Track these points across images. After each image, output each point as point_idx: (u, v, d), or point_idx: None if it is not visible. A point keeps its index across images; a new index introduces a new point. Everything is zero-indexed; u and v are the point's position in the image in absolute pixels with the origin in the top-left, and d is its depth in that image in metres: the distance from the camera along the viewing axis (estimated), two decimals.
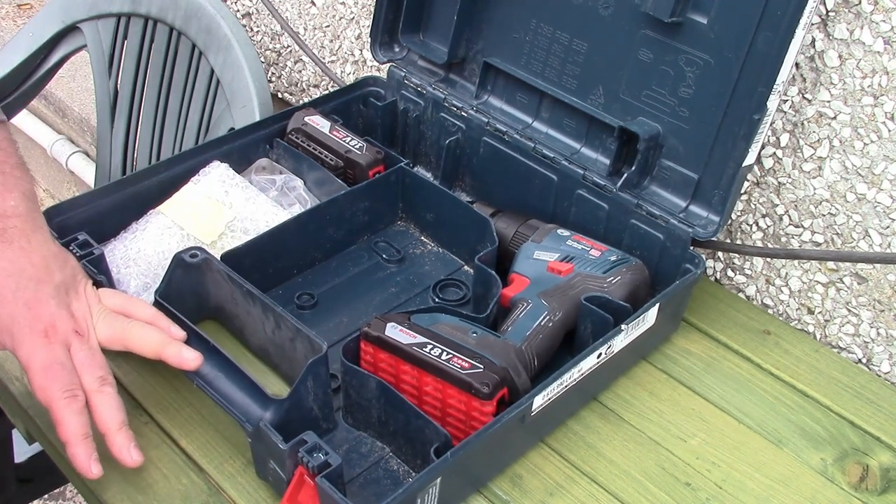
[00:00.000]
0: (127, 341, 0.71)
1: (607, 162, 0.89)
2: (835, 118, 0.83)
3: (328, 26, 1.32)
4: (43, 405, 0.66)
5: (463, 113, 0.98)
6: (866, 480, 0.75)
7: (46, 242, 0.71)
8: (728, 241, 0.95)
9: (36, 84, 1.41)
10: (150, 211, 0.89)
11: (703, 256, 0.85)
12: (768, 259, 0.92)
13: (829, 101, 0.83)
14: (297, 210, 0.92)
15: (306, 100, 1.22)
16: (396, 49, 1.02)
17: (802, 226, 0.89)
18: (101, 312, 0.72)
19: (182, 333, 0.72)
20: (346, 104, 1.03)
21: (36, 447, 0.86)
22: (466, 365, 0.70)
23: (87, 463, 0.65)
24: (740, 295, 0.96)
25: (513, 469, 0.74)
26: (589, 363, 0.74)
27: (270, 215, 0.90)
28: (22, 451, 1.26)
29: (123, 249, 0.86)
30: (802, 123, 0.85)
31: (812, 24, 0.80)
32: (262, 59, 1.46)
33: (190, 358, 0.70)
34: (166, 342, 0.71)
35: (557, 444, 0.76)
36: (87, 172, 1.92)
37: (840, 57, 0.80)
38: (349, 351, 0.74)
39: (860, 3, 0.77)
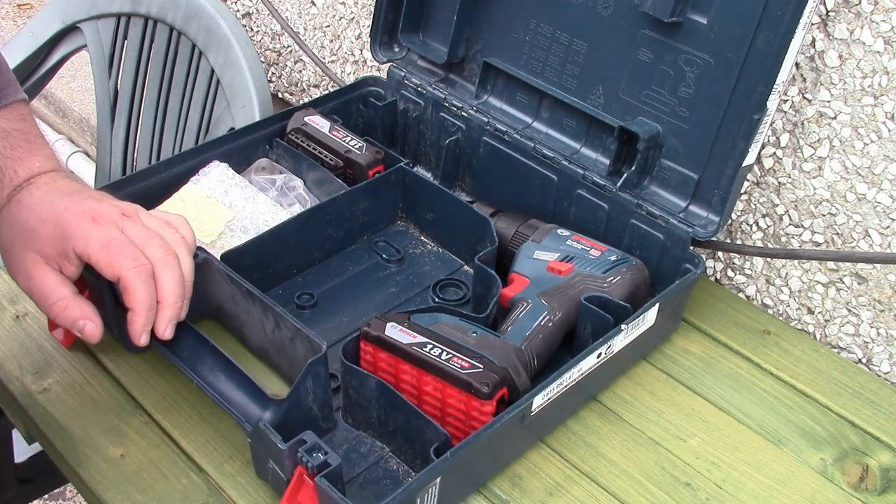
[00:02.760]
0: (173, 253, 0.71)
1: (607, 162, 0.89)
2: (835, 118, 0.83)
3: (328, 26, 1.32)
4: (111, 279, 0.68)
5: (463, 113, 0.98)
6: (866, 480, 0.75)
7: (74, 182, 0.74)
8: (728, 241, 0.95)
9: (36, 84, 1.41)
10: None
11: (703, 256, 0.85)
12: (768, 259, 0.92)
13: (829, 101, 0.83)
14: (296, 210, 0.92)
15: (306, 100, 1.22)
16: (396, 49, 1.02)
17: (802, 226, 0.89)
18: (149, 214, 0.73)
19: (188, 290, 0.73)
20: (346, 104, 1.03)
21: (36, 447, 0.86)
22: (466, 365, 0.70)
23: (141, 333, 0.68)
24: (740, 295, 0.96)
25: (512, 469, 0.74)
26: (589, 363, 0.74)
27: (270, 215, 0.90)
28: (22, 451, 1.26)
29: None
30: (802, 123, 0.85)
31: (812, 24, 0.80)
32: (262, 59, 1.46)
33: (165, 332, 0.70)
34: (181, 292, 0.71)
35: (557, 443, 0.76)
36: (87, 172, 1.92)
37: (840, 57, 0.80)
38: (349, 351, 0.74)
39: (860, 3, 0.78)
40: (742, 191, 0.89)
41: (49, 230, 0.68)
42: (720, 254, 0.97)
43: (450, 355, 0.71)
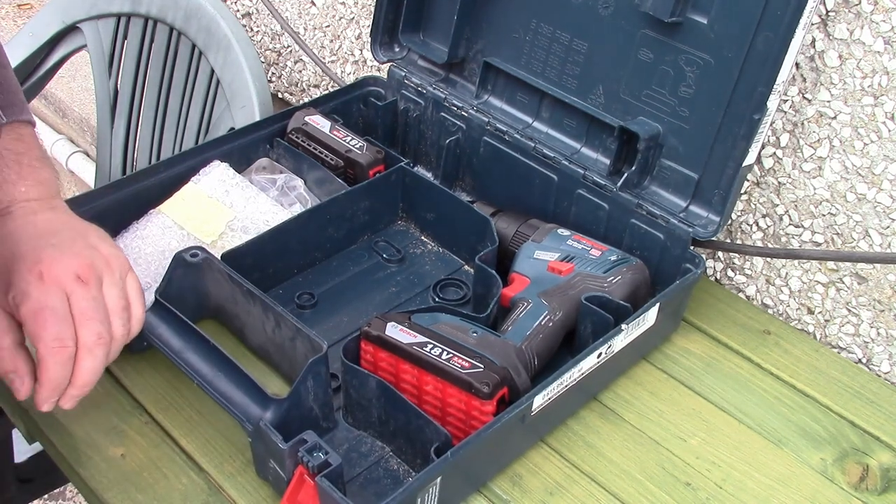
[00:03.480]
0: (113, 342, 0.67)
1: (607, 162, 0.89)
2: (835, 118, 0.83)
3: (328, 26, 1.32)
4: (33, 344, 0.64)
5: (463, 113, 0.98)
6: (866, 480, 0.75)
7: (57, 215, 0.71)
8: (728, 240, 0.95)
9: (36, 84, 1.41)
10: (151, 211, 0.89)
11: (703, 256, 0.85)
12: (768, 259, 0.92)
13: (829, 101, 0.83)
14: (297, 210, 0.92)
15: (306, 100, 1.22)
16: (396, 49, 1.02)
17: (802, 226, 0.89)
18: (115, 283, 0.68)
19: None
20: (347, 104, 1.03)
21: (36, 447, 0.86)
22: (467, 364, 0.70)
23: (42, 404, 0.65)
24: (740, 295, 0.96)
25: (513, 468, 0.74)
26: (589, 363, 0.74)
27: (270, 215, 0.90)
28: (22, 451, 1.26)
29: (124, 249, 0.85)
30: (802, 123, 0.85)
31: (812, 24, 0.80)
32: (262, 59, 1.46)
33: (65, 405, 0.67)
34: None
35: (557, 443, 0.76)
36: (87, 172, 1.92)
37: (840, 57, 0.80)
38: (349, 350, 0.74)
39: (860, 3, 0.78)
40: (742, 191, 0.89)
41: (2, 273, 0.66)
42: (720, 254, 0.97)
43: (450, 355, 0.71)
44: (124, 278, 0.69)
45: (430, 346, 0.72)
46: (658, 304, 0.78)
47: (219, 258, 0.80)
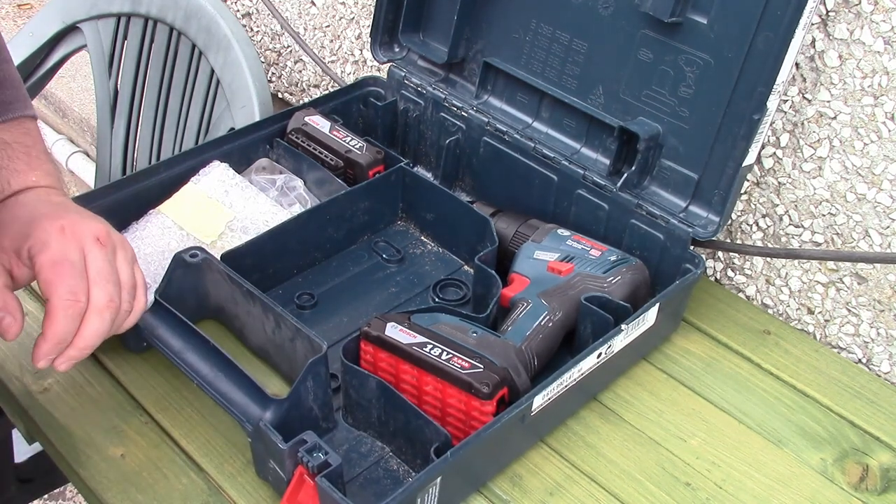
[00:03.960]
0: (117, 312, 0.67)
1: (607, 162, 0.89)
2: (835, 118, 0.83)
3: (328, 26, 1.32)
4: (43, 296, 0.64)
5: (463, 113, 0.98)
6: (866, 480, 0.75)
7: (66, 202, 0.72)
8: (728, 240, 0.95)
9: (36, 84, 1.41)
10: (150, 211, 0.89)
11: (703, 256, 0.85)
12: (768, 259, 0.92)
13: (829, 101, 0.83)
14: (297, 210, 0.92)
15: (306, 100, 1.22)
16: (396, 49, 1.02)
17: (802, 226, 0.89)
18: (127, 259, 0.68)
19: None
20: (346, 104, 1.03)
21: (36, 447, 0.86)
22: (466, 365, 0.70)
23: (41, 359, 0.64)
24: (740, 295, 0.96)
25: (513, 469, 0.74)
26: (589, 363, 0.74)
27: (270, 215, 0.90)
28: (22, 451, 1.26)
29: None
30: (802, 123, 0.85)
31: (812, 24, 0.80)
32: (262, 59, 1.46)
33: (61, 367, 0.66)
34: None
35: (557, 443, 0.76)
36: (87, 172, 1.92)
37: (840, 57, 0.80)
38: (349, 351, 0.74)
39: (860, 3, 0.78)
40: (742, 191, 0.89)
41: (17, 227, 0.66)
42: (720, 254, 0.97)
43: (450, 355, 0.71)
44: (134, 263, 0.70)
45: (429, 346, 0.72)
46: (658, 305, 0.78)
47: (218, 258, 0.80)
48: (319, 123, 0.97)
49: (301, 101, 1.33)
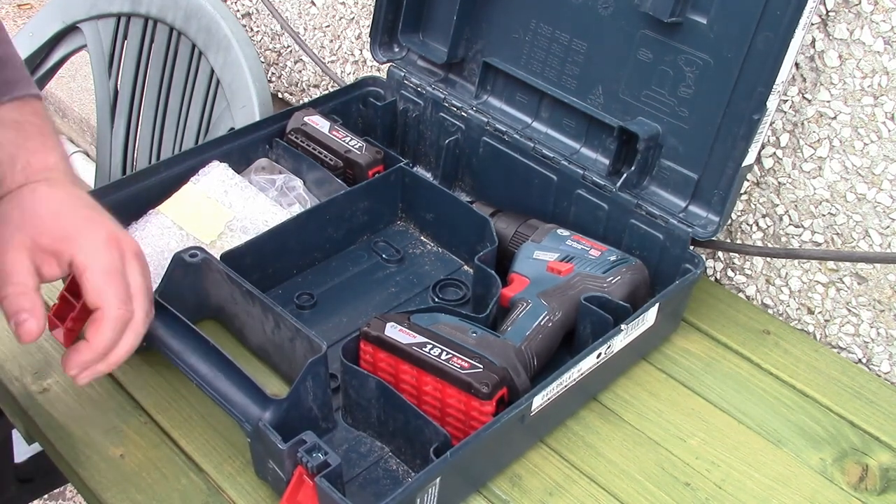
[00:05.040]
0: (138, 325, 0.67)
1: (607, 162, 0.89)
2: (835, 118, 0.83)
3: (328, 26, 1.32)
4: (90, 305, 0.64)
5: (462, 113, 0.98)
6: (866, 480, 0.75)
7: (88, 197, 0.71)
8: (728, 241, 0.95)
9: (36, 84, 1.41)
10: (150, 211, 0.89)
11: (703, 256, 0.85)
12: (768, 259, 0.92)
13: (829, 101, 0.83)
14: (296, 210, 0.92)
15: (306, 100, 1.22)
16: (396, 49, 1.02)
17: (802, 226, 0.89)
18: (149, 272, 0.69)
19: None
20: (346, 104, 1.03)
21: (36, 447, 0.86)
22: (466, 365, 0.70)
23: (77, 368, 0.65)
24: (740, 295, 0.96)
25: (512, 469, 0.74)
26: (588, 363, 0.74)
27: (270, 215, 0.90)
28: (22, 451, 1.26)
29: None
30: (802, 123, 0.85)
31: (812, 24, 0.80)
32: (262, 59, 1.46)
33: (83, 380, 0.66)
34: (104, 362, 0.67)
35: (557, 443, 0.76)
36: (87, 172, 1.92)
37: (840, 57, 0.80)
38: (349, 351, 0.74)
39: (860, 3, 0.77)
40: (742, 191, 0.89)
41: (56, 225, 0.65)
42: (720, 254, 0.97)
43: (449, 355, 0.71)
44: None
45: (429, 346, 0.71)
46: (657, 305, 0.78)
47: (218, 258, 0.79)
48: (319, 123, 0.97)
49: (301, 101, 1.33)
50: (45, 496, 1.66)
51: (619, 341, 0.76)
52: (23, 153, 0.68)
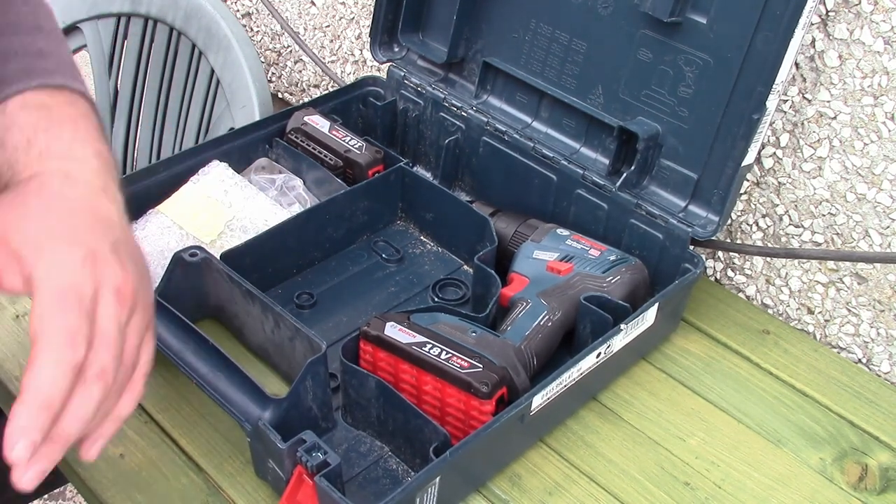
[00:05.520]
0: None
1: (606, 162, 0.89)
2: (835, 118, 0.83)
3: (328, 26, 1.32)
4: (30, 335, 0.49)
5: (462, 112, 0.98)
6: (865, 480, 0.75)
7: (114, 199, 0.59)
8: (728, 240, 0.95)
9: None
10: (150, 210, 0.89)
11: (703, 256, 0.85)
12: (768, 259, 0.92)
13: (829, 101, 0.83)
14: (296, 209, 0.92)
15: (306, 100, 1.22)
16: (396, 49, 1.02)
17: (802, 226, 0.89)
18: (139, 329, 0.54)
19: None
20: (346, 104, 1.03)
21: None
22: (466, 364, 0.70)
23: (16, 440, 0.47)
24: (740, 295, 0.96)
25: (512, 468, 0.74)
26: (588, 363, 0.74)
27: (270, 214, 0.90)
28: None
29: None
30: (802, 123, 0.85)
31: (812, 24, 0.80)
32: (262, 59, 1.46)
33: (85, 454, 0.53)
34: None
35: (556, 443, 0.76)
36: None
37: (840, 57, 0.80)
38: (348, 350, 0.74)
39: (860, 3, 0.77)
40: (742, 191, 0.89)
41: (35, 223, 0.52)
42: (720, 254, 0.97)
43: (449, 355, 0.71)
44: (146, 334, 0.57)
45: (429, 345, 0.71)
46: (657, 304, 0.78)
47: (218, 258, 0.80)
48: (319, 123, 0.97)
49: (301, 101, 1.33)
50: (46, 496, 1.66)
51: (619, 341, 0.76)
52: (43, 137, 0.57)
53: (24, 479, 0.47)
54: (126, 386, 0.53)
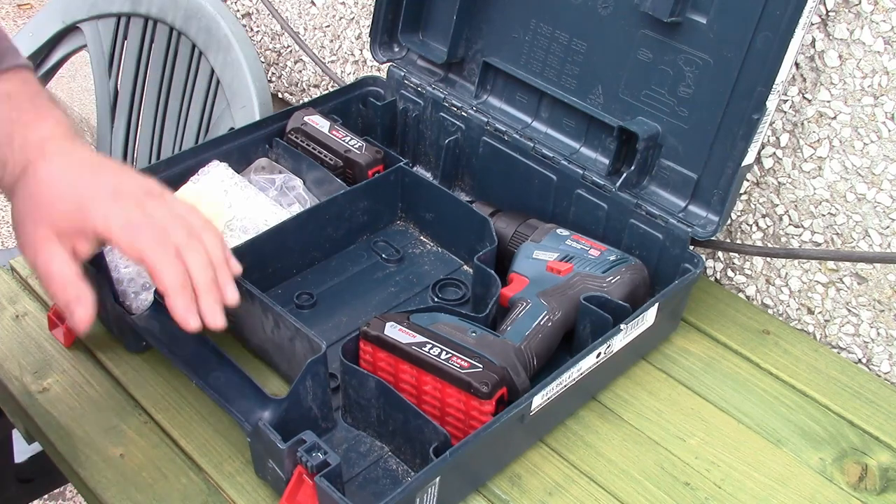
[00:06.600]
0: (200, 238, 0.67)
1: (606, 161, 0.89)
2: (835, 118, 0.83)
3: (328, 26, 1.32)
4: (134, 260, 0.64)
5: (462, 113, 0.98)
6: (865, 480, 0.75)
7: (92, 154, 0.70)
8: (728, 240, 0.95)
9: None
10: None
11: (703, 256, 0.85)
12: (768, 259, 0.92)
13: (829, 101, 0.83)
14: (296, 209, 0.92)
15: (306, 100, 1.22)
16: (396, 49, 1.02)
17: (802, 226, 0.89)
18: (174, 198, 0.69)
19: (238, 267, 0.70)
20: (346, 104, 1.03)
21: (36, 447, 0.86)
22: (466, 364, 0.70)
23: (186, 315, 0.64)
24: (740, 295, 0.96)
25: (512, 468, 0.74)
26: (588, 363, 0.74)
27: (270, 215, 0.90)
28: (22, 451, 1.26)
29: None
30: (802, 123, 0.85)
31: (812, 24, 0.80)
32: (262, 59, 1.46)
33: (231, 295, 0.67)
34: (225, 265, 0.68)
35: (556, 443, 0.76)
36: None
37: (840, 57, 0.80)
38: (348, 350, 0.74)
39: (860, 3, 0.77)
40: (742, 191, 0.89)
41: (67, 207, 0.64)
42: (720, 254, 0.97)
43: (449, 355, 0.71)
44: (193, 208, 0.70)
45: (428, 346, 0.71)
46: (657, 304, 0.78)
47: None
48: (319, 123, 0.97)
49: (301, 101, 1.33)
50: (45, 496, 1.66)
51: (619, 341, 0.76)
52: (19, 129, 0.67)
53: (215, 321, 0.65)
54: (203, 221, 0.69)
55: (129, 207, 0.65)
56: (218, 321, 0.65)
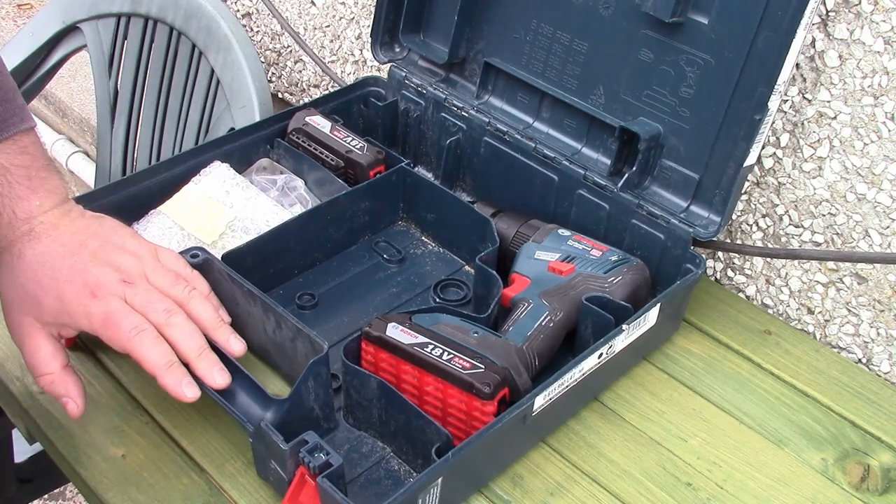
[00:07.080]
0: (185, 307, 0.70)
1: (608, 162, 0.89)
2: (835, 118, 0.83)
3: (328, 26, 1.32)
4: (121, 352, 0.67)
5: (464, 113, 0.98)
6: (867, 480, 0.75)
7: (75, 221, 0.72)
8: (728, 241, 0.95)
9: (36, 84, 1.41)
10: (151, 211, 0.89)
11: (704, 256, 0.85)
12: (768, 259, 0.92)
13: (829, 101, 0.83)
14: (297, 210, 0.92)
15: (306, 100, 1.22)
16: (397, 49, 1.02)
17: (802, 226, 0.89)
18: (156, 268, 0.71)
19: (228, 318, 0.74)
20: (347, 104, 1.03)
21: (36, 447, 0.86)
22: (467, 365, 0.70)
23: (179, 389, 0.66)
24: (740, 295, 0.96)
25: (514, 469, 0.74)
26: (590, 363, 0.74)
27: (271, 215, 0.90)
28: (22, 451, 1.26)
29: None
30: (802, 123, 0.85)
31: (812, 24, 0.80)
32: (262, 59, 1.46)
33: (237, 348, 0.71)
34: (219, 323, 0.72)
35: (558, 444, 0.76)
36: (87, 172, 1.92)
37: (840, 57, 0.81)
38: (350, 351, 0.74)
39: (860, 3, 0.78)
40: (742, 191, 0.89)
41: (50, 302, 0.68)
42: (720, 254, 0.97)
43: (451, 355, 0.71)
44: (158, 258, 0.72)
45: (430, 346, 0.72)
46: (659, 305, 0.78)
47: (219, 259, 0.79)
48: (320, 123, 0.97)
49: (301, 101, 1.33)
50: (45, 496, 1.66)
51: (621, 341, 0.76)
52: (7, 203, 0.69)
53: (215, 383, 0.68)
54: (189, 281, 0.72)
55: (108, 301, 0.68)
56: (217, 382, 0.68)
